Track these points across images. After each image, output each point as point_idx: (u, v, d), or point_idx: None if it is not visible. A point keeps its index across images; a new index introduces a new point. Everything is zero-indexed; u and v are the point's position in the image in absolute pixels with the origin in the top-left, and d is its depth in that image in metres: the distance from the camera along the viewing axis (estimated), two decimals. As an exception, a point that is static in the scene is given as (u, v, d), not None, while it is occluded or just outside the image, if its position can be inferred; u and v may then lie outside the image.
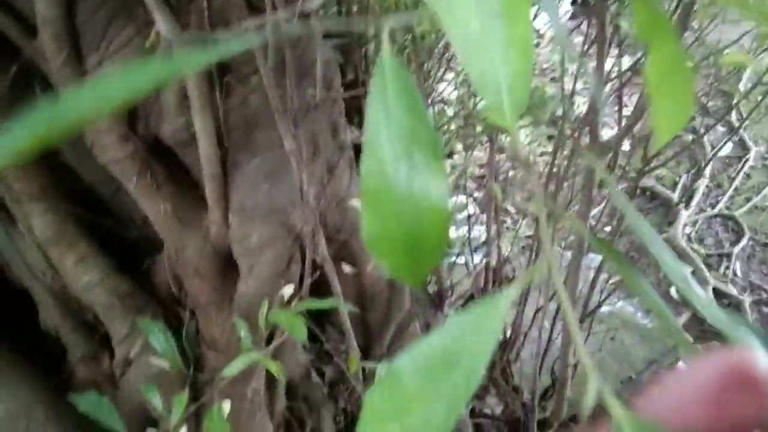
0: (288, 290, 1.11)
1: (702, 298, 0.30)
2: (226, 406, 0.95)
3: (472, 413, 1.97)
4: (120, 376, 1.28)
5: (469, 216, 2.60)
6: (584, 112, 1.49)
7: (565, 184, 1.85)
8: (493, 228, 2.08)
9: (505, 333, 2.24)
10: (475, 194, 3.28)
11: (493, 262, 2.16)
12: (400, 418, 0.25)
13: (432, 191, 0.36)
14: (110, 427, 0.92)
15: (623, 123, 1.51)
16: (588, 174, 1.32)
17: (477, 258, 2.45)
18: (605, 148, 1.38)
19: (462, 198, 2.81)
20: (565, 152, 1.96)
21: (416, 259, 0.36)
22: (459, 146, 2.10)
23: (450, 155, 2.98)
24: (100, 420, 0.92)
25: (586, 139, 2.06)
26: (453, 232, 2.81)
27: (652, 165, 1.69)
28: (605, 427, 0.22)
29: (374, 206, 0.36)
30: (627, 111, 1.78)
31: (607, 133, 3.11)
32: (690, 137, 3.18)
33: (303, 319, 0.95)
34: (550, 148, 2.80)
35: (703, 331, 2.67)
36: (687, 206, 3.23)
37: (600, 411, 0.23)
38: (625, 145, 2.72)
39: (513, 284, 0.28)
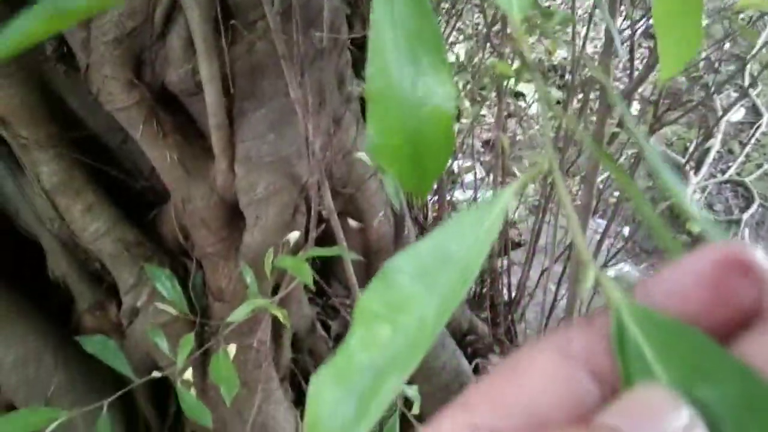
0: (293, 236, 1.12)
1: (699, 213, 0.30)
2: (232, 349, 0.96)
3: (476, 370, 1.99)
4: (127, 325, 1.29)
5: (476, 179, 2.60)
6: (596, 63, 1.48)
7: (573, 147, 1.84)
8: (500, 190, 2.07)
9: (510, 293, 2.25)
10: (483, 158, 3.27)
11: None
12: (393, 319, 0.24)
13: (437, 94, 0.35)
14: (117, 369, 0.93)
15: (635, 75, 1.49)
16: (599, 126, 1.31)
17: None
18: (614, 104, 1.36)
19: (468, 162, 2.80)
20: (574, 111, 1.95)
21: (421, 165, 0.35)
22: (466, 103, 2.08)
23: (457, 118, 2.96)
24: (107, 361, 0.93)
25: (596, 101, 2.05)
26: (460, 195, 2.81)
27: (663, 122, 1.67)
28: (604, 315, 0.22)
29: (379, 110, 0.35)
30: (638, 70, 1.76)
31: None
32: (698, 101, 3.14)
33: (308, 265, 0.96)
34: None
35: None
36: (697, 172, 3.21)
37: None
38: (635, 109, 2.70)
39: (513, 181, 0.28)
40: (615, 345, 0.21)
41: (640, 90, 2.10)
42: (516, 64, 1.58)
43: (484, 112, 3.07)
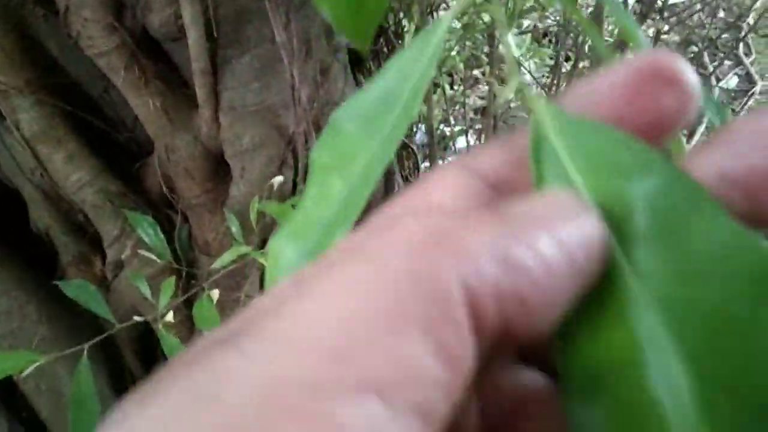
0: (278, 180, 1.10)
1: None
2: (215, 294, 0.95)
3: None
4: (112, 278, 1.27)
5: (468, 147, 2.57)
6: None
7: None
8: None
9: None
10: (477, 126, 3.24)
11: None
12: (341, 170, 0.24)
13: None
14: (98, 314, 0.92)
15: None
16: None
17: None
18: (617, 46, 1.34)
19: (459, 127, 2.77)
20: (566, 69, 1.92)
21: (359, 11, 0.34)
22: (460, 65, 2.06)
23: (451, 86, 2.93)
24: (88, 306, 0.92)
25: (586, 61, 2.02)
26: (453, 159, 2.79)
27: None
28: (521, 133, 0.21)
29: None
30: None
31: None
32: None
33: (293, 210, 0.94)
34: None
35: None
36: (689, 139, 3.19)
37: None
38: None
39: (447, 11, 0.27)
40: (531, 151, 0.20)
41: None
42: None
43: (477, 77, 3.04)
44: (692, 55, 2.56)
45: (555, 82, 1.79)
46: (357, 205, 0.23)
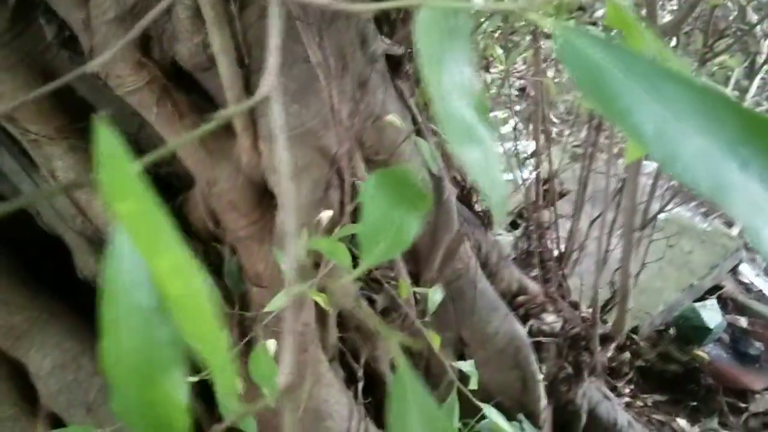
0: (325, 215, 1.03)
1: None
2: (271, 344, 0.89)
3: (531, 332, 1.90)
4: (165, 318, 1.23)
5: (515, 129, 2.48)
6: None
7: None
8: (542, 138, 1.95)
9: (559, 247, 2.15)
10: (517, 107, 3.13)
11: (544, 175, 2.04)
12: None
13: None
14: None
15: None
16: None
17: (525, 173, 2.34)
18: (665, 32, 1.24)
19: (503, 114, 2.68)
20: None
21: None
22: (499, 50, 1.96)
23: (487, 69, 2.82)
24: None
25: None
26: (498, 148, 2.69)
27: (714, 51, 1.53)
28: None
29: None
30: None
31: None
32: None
33: (344, 245, 0.87)
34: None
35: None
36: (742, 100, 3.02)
37: None
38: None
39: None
40: None
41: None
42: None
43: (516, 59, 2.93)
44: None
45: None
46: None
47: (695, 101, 0.23)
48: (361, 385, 1.47)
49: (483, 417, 1.42)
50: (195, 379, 0.89)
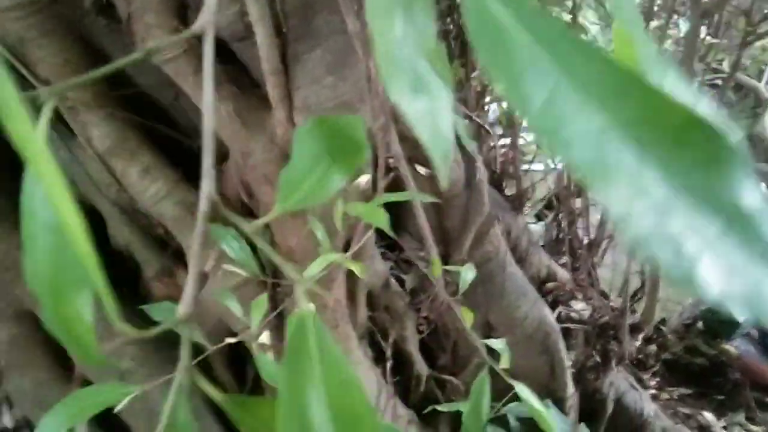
0: (363, 179, 1.02)
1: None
2: (311, 307, 0.88)
3: (559, 319, 1.88)
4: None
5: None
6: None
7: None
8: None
9: (589, 235, 2.12)
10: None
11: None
12: None
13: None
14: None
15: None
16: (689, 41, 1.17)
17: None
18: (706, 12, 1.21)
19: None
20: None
21: None
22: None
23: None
24: (176, 328, 0.87)
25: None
26: (526, 137, 2.67)
27: (758, 33, 1.50)
28: None
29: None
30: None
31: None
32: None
33: (382, 209, 0.86)
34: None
35: None
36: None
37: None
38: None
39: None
40: None
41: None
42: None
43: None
44: None
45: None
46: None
47: (600, 73, 0.20)
48: (389, 364, 1.47)
49: (511, 399, 1.40)
50: (231, 340, 0.89)
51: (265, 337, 0.88)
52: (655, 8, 1.84)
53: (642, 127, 0.19)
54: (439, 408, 1.33)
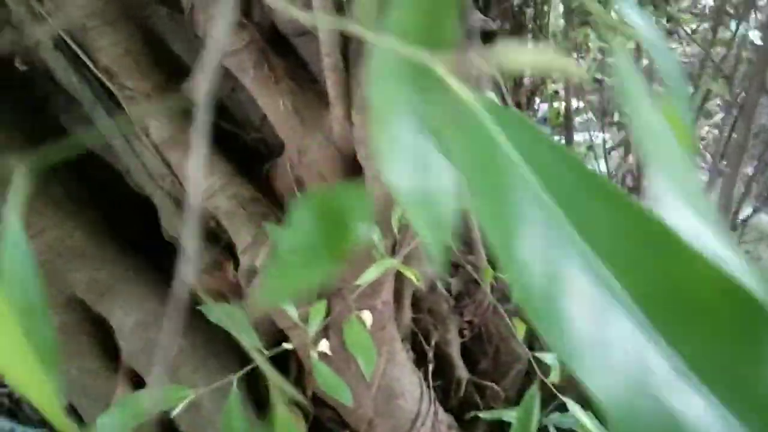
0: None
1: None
2: (366, 316, 0.87)
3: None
4: (246, 285, 1.22)
5: (589, 120, 2.41)
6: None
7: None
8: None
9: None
10: (588, 97, 3.03)
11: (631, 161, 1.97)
12: None
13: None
14: (241, 338, 0.85)
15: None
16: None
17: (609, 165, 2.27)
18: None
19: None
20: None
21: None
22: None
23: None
24: (233, 332, 0.86)
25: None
26: (576, 137, 2.63)
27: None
28: None
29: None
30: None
31: None
32: None
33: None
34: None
35: None
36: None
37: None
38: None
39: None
40: None
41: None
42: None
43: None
44: None
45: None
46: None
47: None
48: (431, 367, 1.45)
49: (555, 409, 1.37)
50: (288, 346, 0.88)
51: (324, 346, 0.86)
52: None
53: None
54: (481, 415, 1.30)
